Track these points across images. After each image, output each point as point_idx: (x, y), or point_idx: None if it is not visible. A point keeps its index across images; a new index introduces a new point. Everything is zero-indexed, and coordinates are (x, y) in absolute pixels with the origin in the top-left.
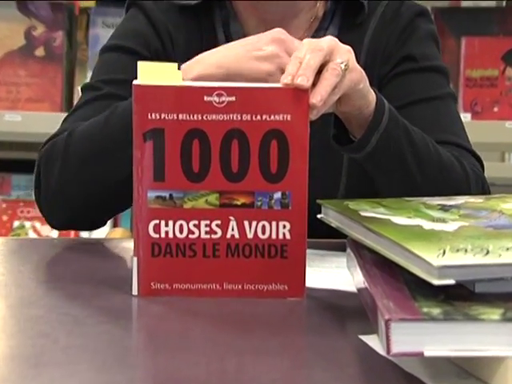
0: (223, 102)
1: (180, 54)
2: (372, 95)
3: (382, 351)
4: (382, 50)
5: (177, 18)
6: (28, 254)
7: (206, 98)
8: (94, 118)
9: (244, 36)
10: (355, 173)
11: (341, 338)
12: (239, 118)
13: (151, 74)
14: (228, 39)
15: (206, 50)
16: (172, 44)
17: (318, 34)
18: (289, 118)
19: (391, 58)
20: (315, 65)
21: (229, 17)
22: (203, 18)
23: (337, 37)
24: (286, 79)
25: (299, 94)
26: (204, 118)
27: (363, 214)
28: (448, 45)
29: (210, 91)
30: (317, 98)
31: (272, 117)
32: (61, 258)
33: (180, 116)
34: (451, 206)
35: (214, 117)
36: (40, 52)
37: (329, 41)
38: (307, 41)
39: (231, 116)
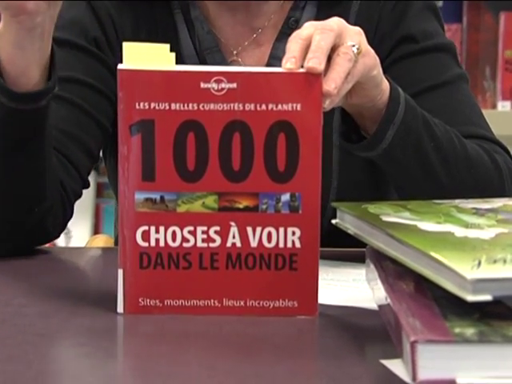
0: (223, 89)
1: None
2: (385, 83)
3: (407, 378)
4: (374, 31)
5: (122, 2)
6: None
7: (202, 85)
8: None
9: (205, 20)
10: (347, 177)
11: (359, 363)
12: (241, 107)
13: (139, 56)
14: (189, 25)
15: (163, 38)
16: (116, 31)
17: (293, 14)
18: (299, 107)
19: (386, 39)
20: (326, 46)
21: (187, 2)
22: (156, 4)
23: (315, 17)
24: (288, 62)
25: (311, 80)
26: (200, 107)
27: (385, 218)
28: (484, 22)
29: (207, 77)
30: (330, 85)
31: (279, 106)
32: (34, 270)
33: (172, 105)
34: (487, 210)
35: (211, 106)
36: None
37: (337, 21)
38: (311, 23)
39: (232, 105)
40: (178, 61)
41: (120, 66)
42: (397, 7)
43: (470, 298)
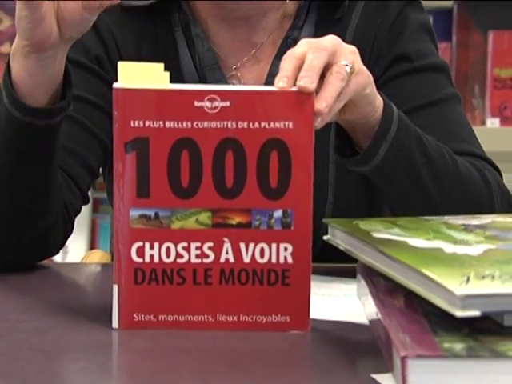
0: (216, 107)
1: (129, 60)
2: (379, 100)
3: None
4: (370, 49)
5: (124, 20)
6: None
7: (196, 103)
8: None
9: (206, 39)
10: (343, 193)
11: (350, 378)
12: (234, 125)
13: (133, 75)
14: (189, 43)
15: (164, 55)
16: (118, 49)
17: (291, 33)
18: (291, 125)
19: (382, 58)
20: (319, 65)
21: (188, 19)
22: (157, 21)
23: (313, 36)
24: (280, 81)
25: (302, 99)
26: (194, 125)
27: (376, 235)
28: (473, 40)
29: (200, 95)
30: (322, 104)
31: (272, 124)
32: (31, 285)
33: (167, 124)
34: (476, 226)
35: (205, 124)
36: (6, 48)
37: (332, 40)
38: (306, 40)
39: (225, 123)
40: (179, 78)
41: (115, 85)
42: (393, 27)
43: (459, 313)
